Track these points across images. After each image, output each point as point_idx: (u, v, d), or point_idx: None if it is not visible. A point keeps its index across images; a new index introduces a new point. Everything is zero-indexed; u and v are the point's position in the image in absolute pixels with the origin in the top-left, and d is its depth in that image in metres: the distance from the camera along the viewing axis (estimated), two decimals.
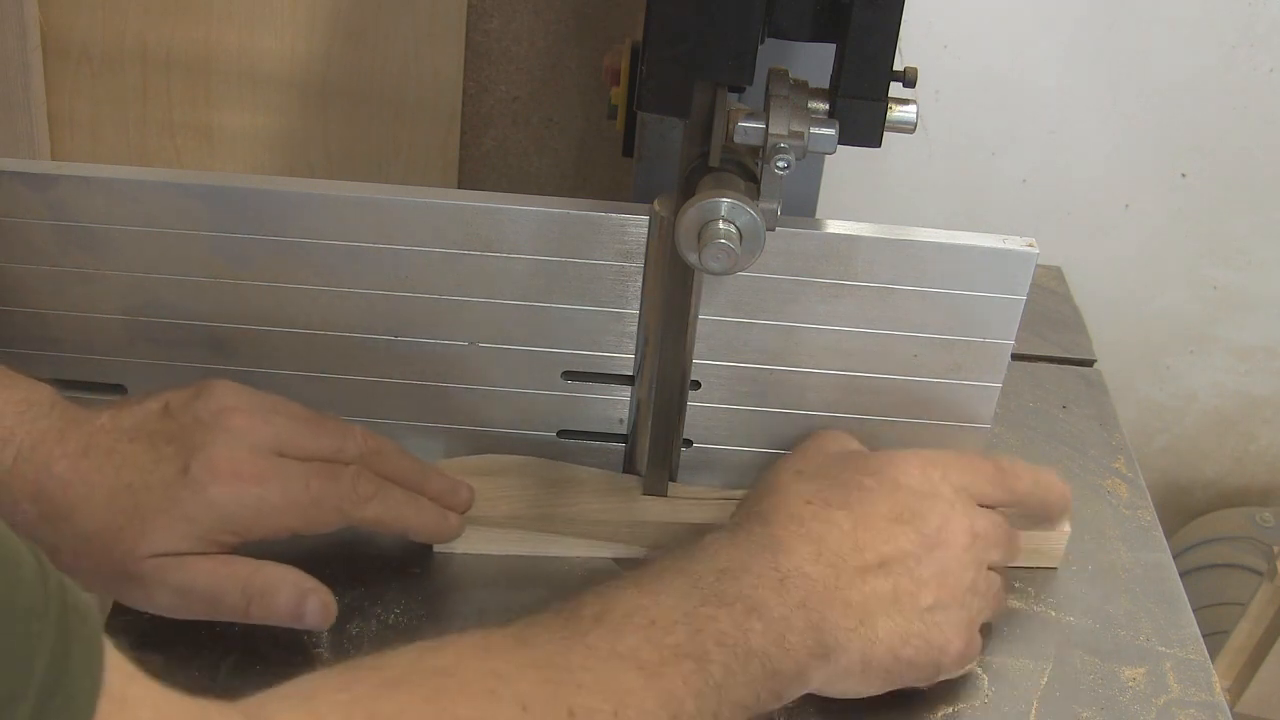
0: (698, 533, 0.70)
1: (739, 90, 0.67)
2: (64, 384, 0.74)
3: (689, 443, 0.81)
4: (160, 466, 0.67)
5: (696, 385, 0.79)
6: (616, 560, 0.79)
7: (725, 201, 0.65)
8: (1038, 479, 0.76)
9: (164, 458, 0.68)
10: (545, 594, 0.65)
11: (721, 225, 0.65)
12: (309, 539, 0.71)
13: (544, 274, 0.76)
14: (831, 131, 0.64)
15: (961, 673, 0.71)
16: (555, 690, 0.57)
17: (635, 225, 0.75)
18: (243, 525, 0.68)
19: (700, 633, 0.62)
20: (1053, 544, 0.80)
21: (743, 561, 0.66)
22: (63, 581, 0.41)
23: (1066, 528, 0.80)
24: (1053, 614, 0.77)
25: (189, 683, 0.45)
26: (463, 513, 0.77)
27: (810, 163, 0.70)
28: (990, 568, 0.72)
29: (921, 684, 0.69)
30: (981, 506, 0.73)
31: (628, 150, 0.82)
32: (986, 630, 0.73)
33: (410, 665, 0.57)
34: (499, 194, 0.75)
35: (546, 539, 0.79)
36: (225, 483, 0.67)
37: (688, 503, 0.81)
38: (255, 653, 0.71)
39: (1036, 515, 0.78)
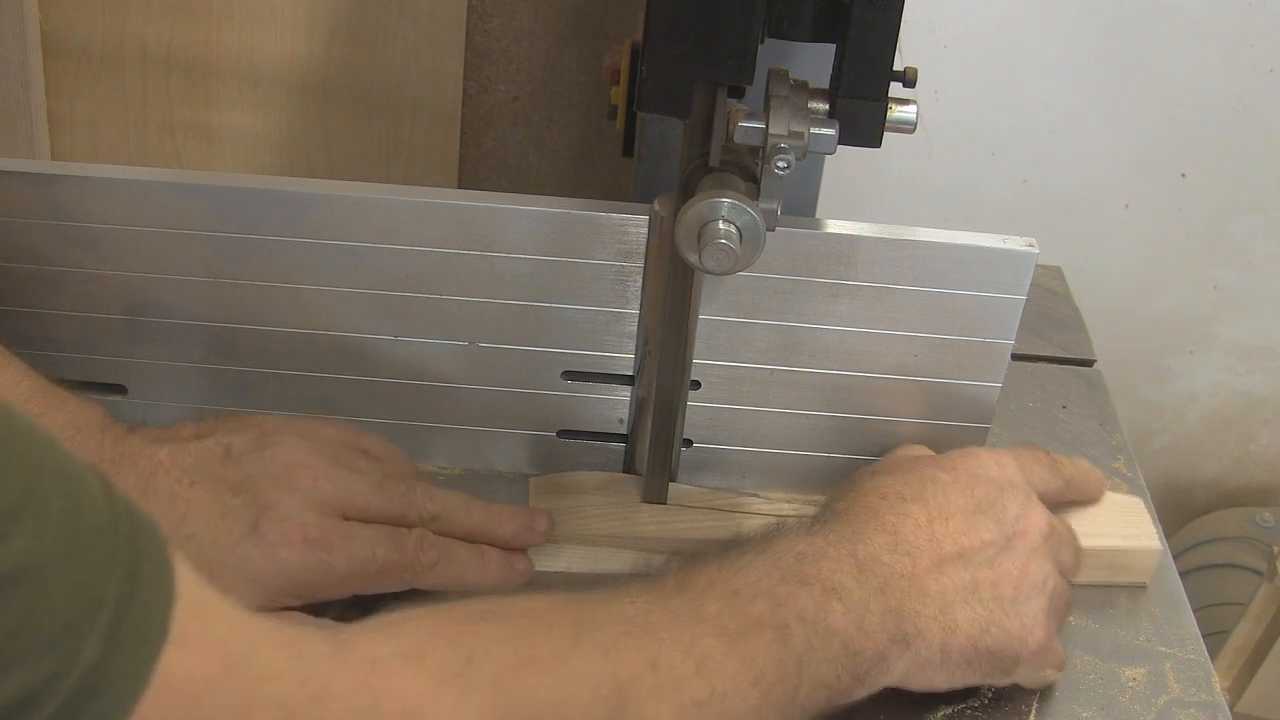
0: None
1: (739, 94, 0.67)
2: (64, 384, 0.74)
3: (689, 443, 0.81)
4: (227, 520, 0.67)
5: (696, 385, 0.79)
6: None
7: (725, 201, 0.65)
8: (1077, 464, 0.79)
9: (231, 511, 0.67)
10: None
11: (721, 225, 0.65)
12: None
13: (544, 274, 0.76)
14: (831, 131, 0.64)
15: (1043, 679, 0.71)
16: (638, 643, 0.58)
17: (635, 225, 0.75)
18: (306, 589, 0.68)
19: (781, 607, 0.62)
20: (1144, 561, 0.79)
21: (820, 548, 0.66)
22: (128, 501, 0.43)
23: (1157, 545, 0.80)
24: None
25: None
26: (542, 543, 0.76)
27: (810, 163, 0.70)
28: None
29: (999, 679, 0.69)
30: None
31: (628, 150, 0.82)
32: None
33: (495, 604, 0.58)
34: (499, 194, 0.75)
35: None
36: (294, 548, 0.67)
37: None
38: None
39: (1076, 500, 0.79)
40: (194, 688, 0.43)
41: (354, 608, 0.70)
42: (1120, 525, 0.80)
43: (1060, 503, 0.77)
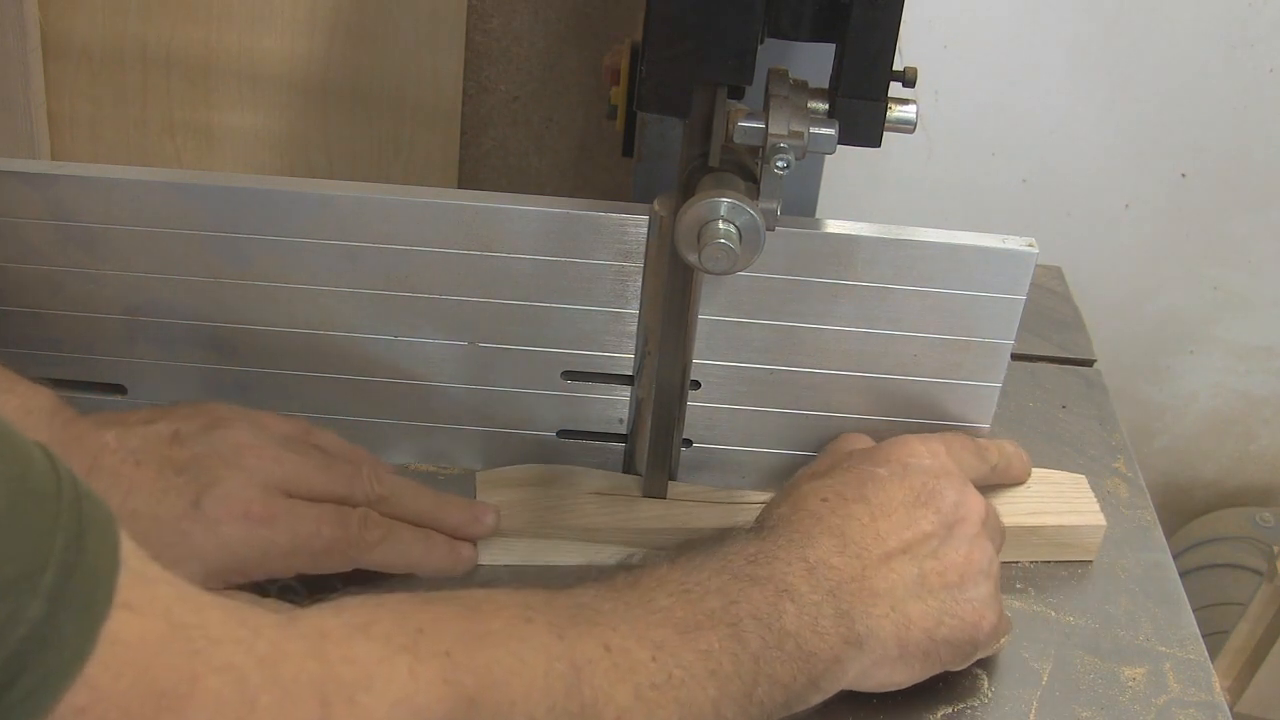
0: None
1: (738, 94, 0.67)
2: (64, 384, 0.74)
3: (689, 443, 0.81)
4: (169, 497, 0.67)
5: (696, 385, 0.79)
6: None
7: (725, 201, 0.65)
8: (1002, 449, 0.80)
9: (173, 488, 0.67)
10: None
11: (721, 225, 0.65)
12: None
13: (544, 274, 0.76)
14: (831, 131, 0.64)
15: (996, 649, 0.72)
16: (590, 628, 0.58)
17: (635, 225, 0.75)
18: (250, 566, 0.68)
19: (734, 604, 0.62)
20: (1088, 538, 0.81)
21: (770, 551, 0.66)
22: (72, 473, 0.43)
23: (1101, 521, 0.81)
24: (1053, 614, 0.77)
25: None
26: (487, 536, 0.76)
27: (810, 163, 0.70)
28: None
29: (958, 665, 0.69)
30: None
31: (628, 150, 0.82)
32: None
33: (445, 593, 0.57)
34: (499, 194, 0.75)
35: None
36: (236, 522, 0.67)
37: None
38: None
39: (1002, 483, 0.81)
40: (143, 650, 0.43)
41: (299, 593, 0.70)
42: (1065, 503, 0.82)
43: (986, 485, 0.78)
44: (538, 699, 0.54)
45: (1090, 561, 0.81)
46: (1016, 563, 0.80)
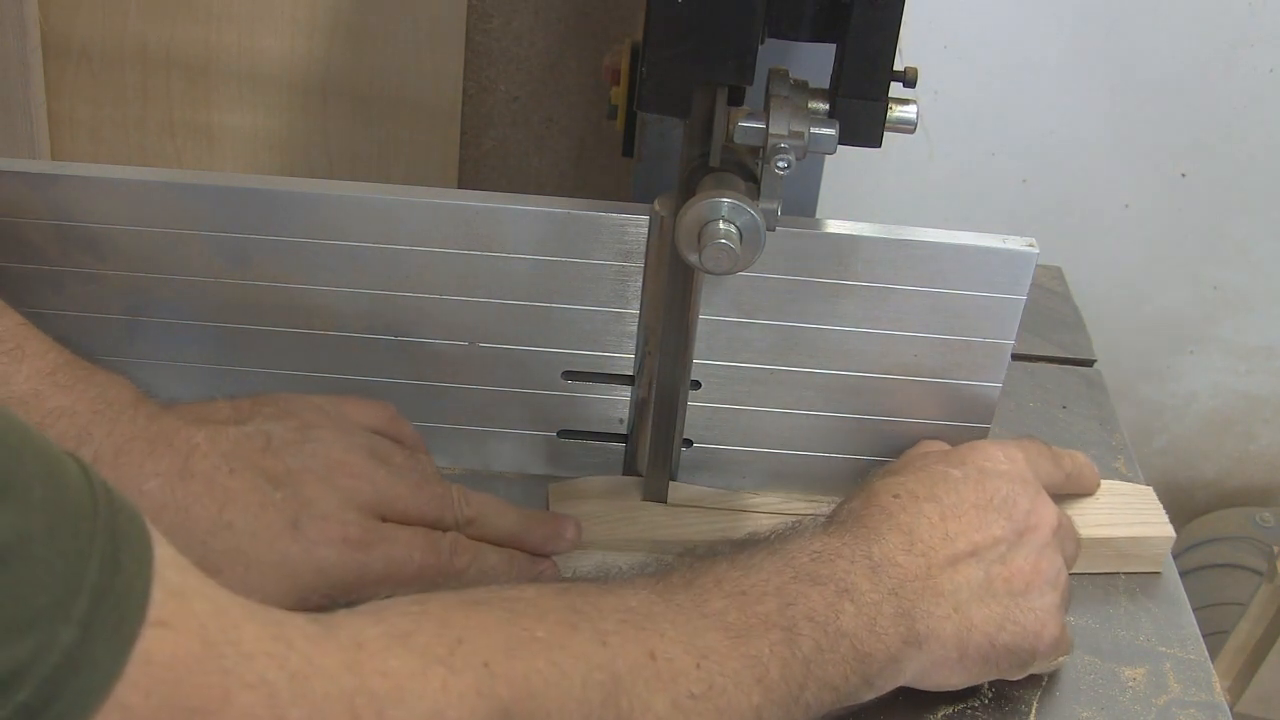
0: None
1: (738, 98, 0.67)
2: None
3: (689, 443, 0.81)
4: (267, 513, 0.67)
5: (696, 385, 0.79)
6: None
7: (725, 201, 0.65)
8: (1075, 458, 0.80)
9: (271, 504, 0.67)
10: None
11: (722, 225, 0.65)
12: None
13: (544, 274, 0.76)
14: (831, 131, 0.64)
15: (1054, 666, 0.71)
16: (637, 633, 0.58)
17: (635, 225, 0.75)
18: (341, 589, 0.68)
19: (791, 606, 0.62)
20: (1157, 549, 0.80)
21: (835, 548, 0.65)
22: (107, 485, 0.43)
23: (1170, 532, 0.80)
24: None
25: None
26: (569, 550, 0.76)
27: (810, 163, 0.70)
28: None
29: (1015, 674, 0.69)
30: None
31: (628, 150, 0.82)
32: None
33: (489, 593, 0.58)
34: (499, 194, 0.75)
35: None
36: (334, 546, 0.67)
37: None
38: None
39: (1073, 493, 0.80)
40: (175, 668, 0.42)
41: None
42: (1134, 514, 0.81)
43: (1058, 495, 0.78)
44: (573, 709, 0.54)
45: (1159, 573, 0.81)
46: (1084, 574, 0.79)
